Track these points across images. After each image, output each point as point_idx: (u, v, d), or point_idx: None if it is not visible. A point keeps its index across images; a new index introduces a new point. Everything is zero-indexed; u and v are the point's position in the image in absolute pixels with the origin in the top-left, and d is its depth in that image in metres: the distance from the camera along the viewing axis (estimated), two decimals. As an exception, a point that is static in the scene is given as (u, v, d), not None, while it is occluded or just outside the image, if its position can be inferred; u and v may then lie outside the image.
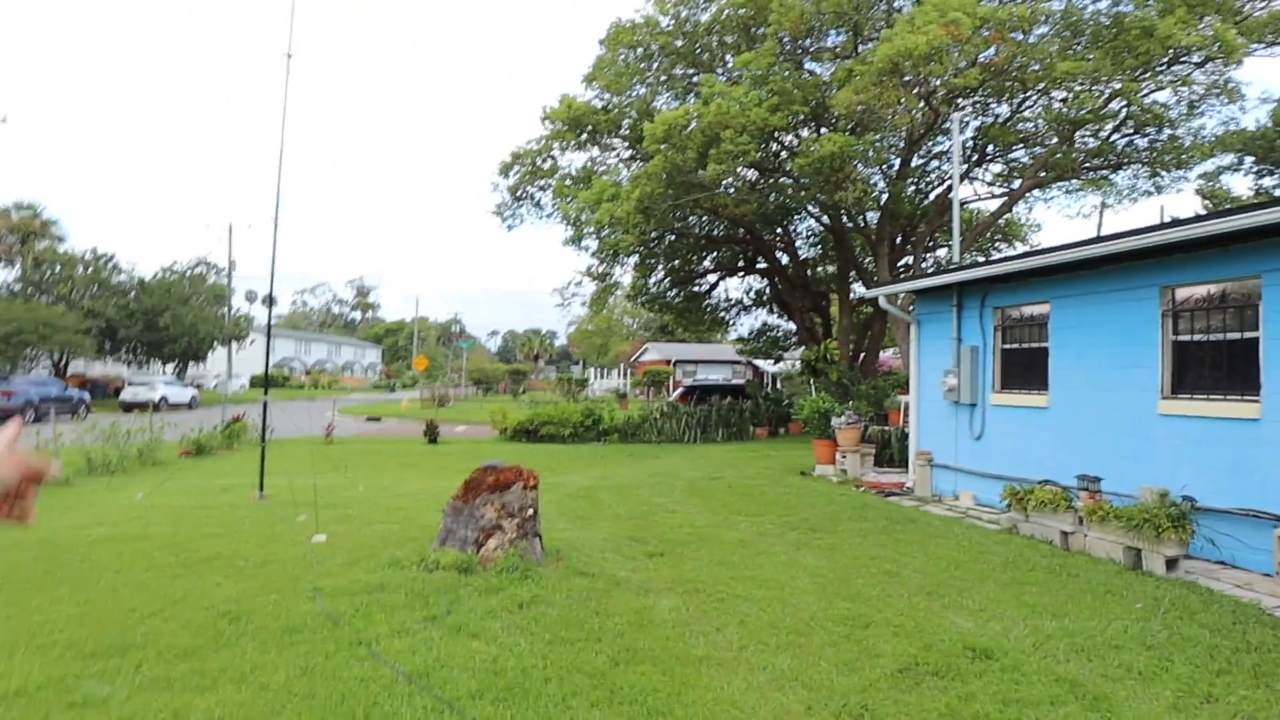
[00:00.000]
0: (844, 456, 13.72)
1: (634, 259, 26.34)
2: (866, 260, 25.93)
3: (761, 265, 28.18)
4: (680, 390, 30.65)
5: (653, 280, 28.33)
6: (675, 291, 28.98)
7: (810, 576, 6.97)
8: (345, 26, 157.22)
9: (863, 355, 25.34)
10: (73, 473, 13.75)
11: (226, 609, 5.80)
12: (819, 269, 29.28)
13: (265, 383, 12.48)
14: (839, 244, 25.42)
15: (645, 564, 7.30)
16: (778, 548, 8.21)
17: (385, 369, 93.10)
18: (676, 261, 27.76)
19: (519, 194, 25.89)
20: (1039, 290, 10.42)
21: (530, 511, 6.75)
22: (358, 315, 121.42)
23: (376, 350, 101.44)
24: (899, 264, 24.43)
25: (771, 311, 30.37)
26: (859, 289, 26.32)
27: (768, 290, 29.32)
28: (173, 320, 46.50)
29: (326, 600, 5.99)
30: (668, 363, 62.79)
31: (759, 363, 61.49)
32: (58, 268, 44.57)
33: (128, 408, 34.72)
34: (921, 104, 18.15)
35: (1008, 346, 11.22)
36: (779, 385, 35.12)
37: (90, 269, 46.04)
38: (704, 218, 25.35)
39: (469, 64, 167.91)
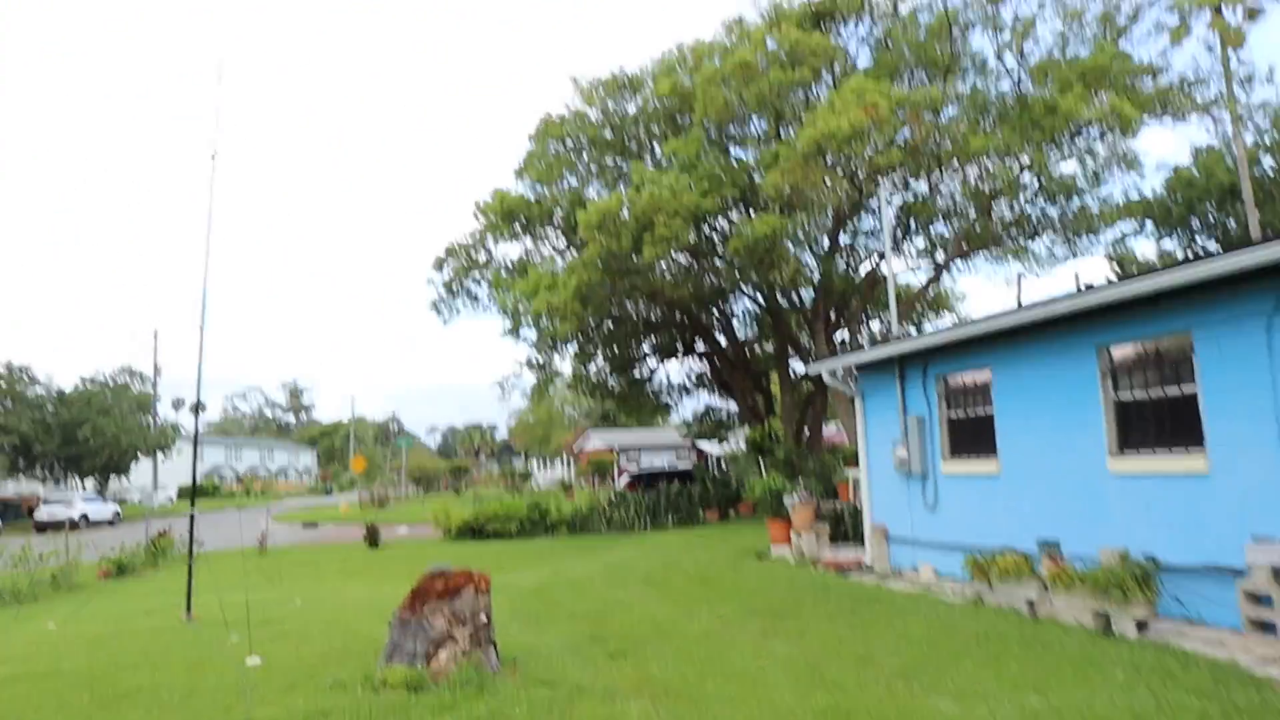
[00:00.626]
0: (799, 536, 13.49)
1: (573, 347, 26.25)
2: (803, 337, 26.32)
3: (700, 348, 28.37)
4: (627, 478, 30.29)
5: (592, 368, 28.23)
6: (615, 378, 28.89)
7: (781, 666, 6.64)
8: (270, 120, 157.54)
9: (806, 431, 25.42)
10: None
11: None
12: (757, 348, 29.59)
13: (193, 494, 11.80)
14: (775, 322, 25.75)
15: (608, 666, 6.89)
16: (743, 637, 7.87)
17: (322, 472, 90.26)
18: (615, 348, 27.76)
19: (454, 288, 25.77)
20: (979, 357, 10.54)
21: (484, 618, 6.33)
22: (291, 418, 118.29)
23: (311, 453, 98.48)
24: (835, 339, 24.82)
25: (713, 392, 30.47)
26: (798, 366, 26.63)
27: (708, 372, 29.45)
28: (93, 432, 44.48)
29: (262, 734, 5.45)
30: (611, 450, 62.24)
31: (704, 445, 61.45)
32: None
33: (42, 528, 32.76)
34: (846, 183, 18.73)
35: (954, 415, 11.27)
36: (725, 466, 34.97)
37: (2, 382, 43.94)
38: (641, 303, 25.52)
39: (399, 159, 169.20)
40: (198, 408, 12.79)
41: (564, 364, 26.93)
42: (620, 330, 26.46)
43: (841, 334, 25.70)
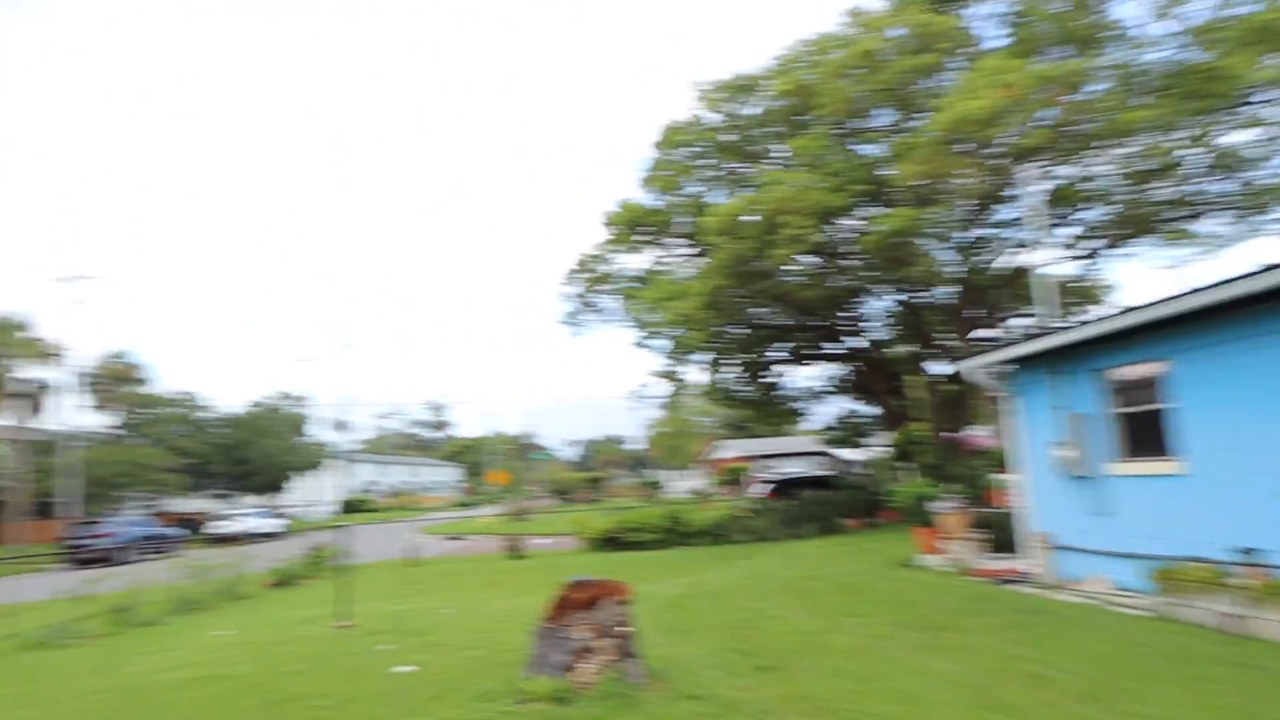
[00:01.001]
0: (949, 543, 12.73)
1: (704, 355, 26.00)
2: (943, 336, 25.12)
3: (834, 350, 27.52)
4: (768, 486, 29.70)
5: (725, 375, 27.87)
6: (749, 385, 28.41)
7: (946, 685, 6.15)
8: (388, 149, 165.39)
9: (951, 434, 24.18)
10: (159, 612, 13.60)
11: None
12: (894, 349, 28.46)
13: (329, 509, 12.26)
14: (913, 321, 24.69)
15: (756, 680, 6.58)
16: (900, 652, 7.38)
17: (465, 486, 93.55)
18: (746, 354, 27.31)
19: (585, 301, 26.03)
20: (1154, 346, 9.54)
21: (625, 630, 6.16)
22: (435, 436, 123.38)
23: (455, 469, 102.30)
24: (976, 336, 23.53)
25: (850, 397, 29.48)
26: (940, 367, 25.44)
27: (844, 375, 28.52)
28: (257, 453, 47.80)
29: (413, 744, 5.46)
30: (744, 459, 61.54)
31: (840, 451, 59.82)
32: (150, 411, 46.46)
33: (218, 541, 35.37)
34: (984, 170, 17.71)
35: (1124, 411, 10.29)
36: (865, 473, 33.78)
37: (178, 409, 47.94)
38: (771, 308, 25.01)
39: (530, 176, 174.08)
40: (343, 426, 13.43)
41: (695, 373, 26.71)
42: (750, 336, 26.03)
43: (983, 330, 24.37)
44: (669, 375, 25.67)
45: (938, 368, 25.82)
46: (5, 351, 36.78)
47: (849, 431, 29.81)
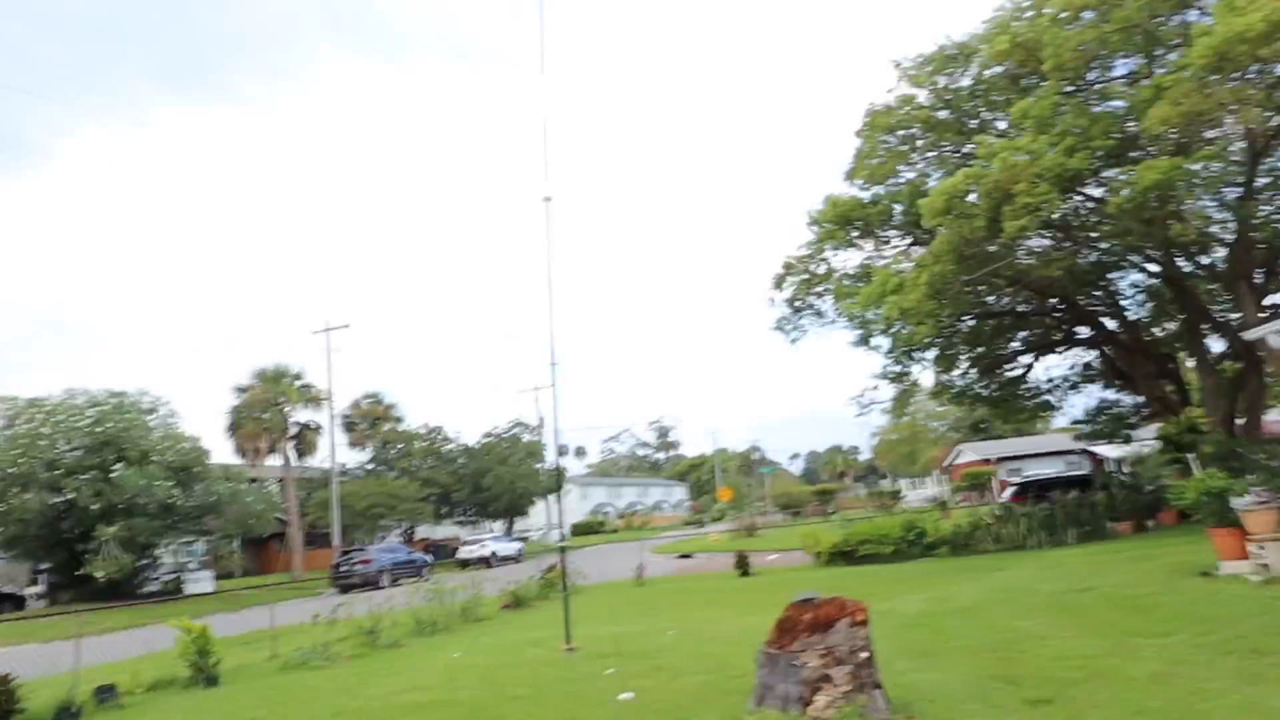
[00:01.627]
0: (1261, 548, 10.51)
1: (931, 352, 24.03)
2: (1220, 308, 21.68)
3: (1083, 335, 24.54)
4: (1012, 489, 26.98)
5: (956, 373, 25.65)
6: (985, 381, 26.01)
7: (1293, 727, 4.75)
8: (587, 164, 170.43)
9: (1239, 420, 20.68)
10: (402, 634, 14.19)
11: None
12: (1157, 328, 24.96)
13: (560, 531, 12.17)
14: (1179, 293, 21.47)
15: (1028, 717, 5.45)
16: (1215, 682, 5.91)
17: (692, 504, 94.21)
18: (980, 348, 25.00)
19: (797, 304, 24.92)
20: None
21: (864, 655, 5.29)
22: (661, 455, 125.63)
23: (682, 487, 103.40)
24: (1269, 303, 20.02)
25: (1108, 386, 26.16)
26: (1214, 344, 22.00)
27: (1098, 362, 25.35)
28: (495, 480, 50.60)
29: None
30: (987, 462, 57.20)
31: (1097, 448, 54.09)
32: (399, 445, 50.62)
33: (464, 564, 37.50)
34: (1265, 101, 14.94)
35: None
36: (1127, 470, 29.86)
37: (425, 442, 51.82)
38: (1004, 294, 22.71)
39: (721, 178, 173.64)
40: (560, 449, 13.43)
41: (924, 372, 24.73)
42: (983, 327, 23.78)
43: (1275, 296, 20.76)
44: (895, 376, 23.90)
45: (1215, 345, 22.30)
46: (282, 399, 41.21)
47: (1109, 424, 26.43)
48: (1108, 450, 53.00)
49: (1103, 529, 18.79)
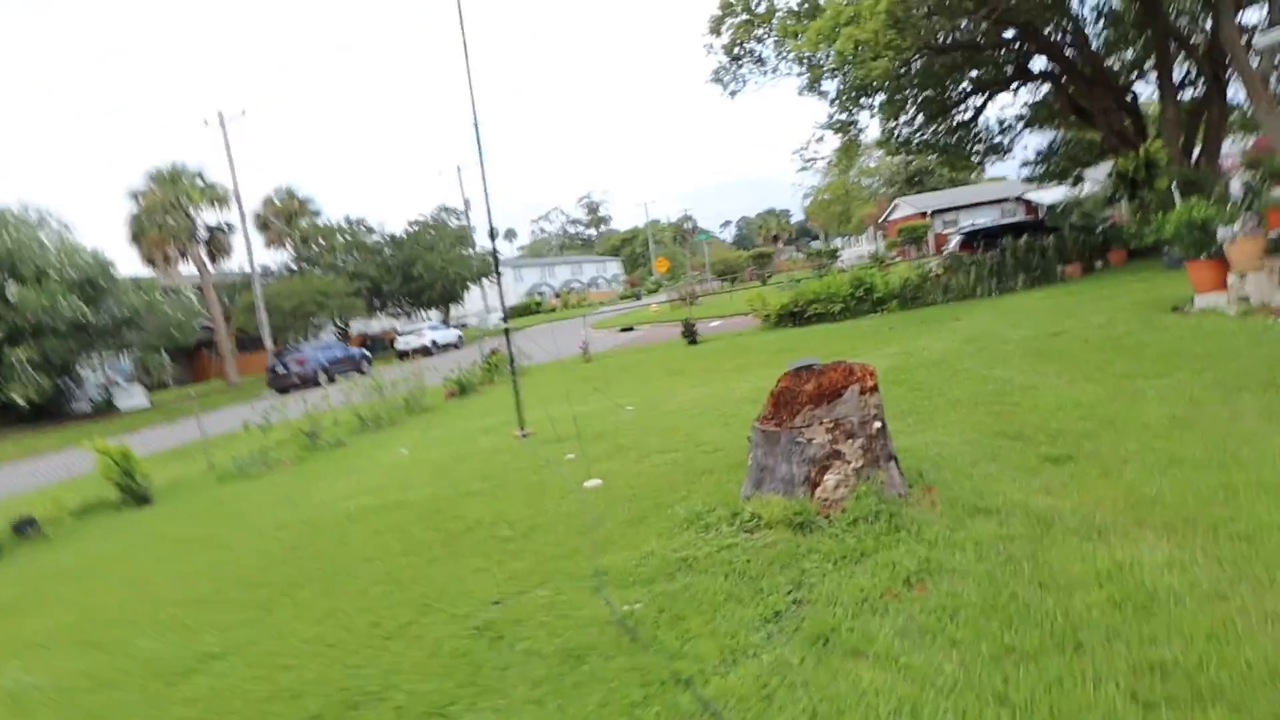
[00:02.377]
0: (1242, 278, 10.11)
1: (879, 97, 22.50)
2: (1187, 25, 20.39)
3: (1039, 69, 23.12)
4: (958, 238, 26.65)
5: (904, 119, 24.27)
6: (934, 127, 24.73)
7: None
8: None
9: (1196, 152, 20.08)
10: (345, 433, 13.47)
11: (487, 618, 4.22)
12: (1113, 59, 23.63)
13: (500, 314, 11.19)
14: (1148, 9, 19.93)
15: (1054, 477, 4.88)
16: (1244, 423, 5.40)
17: (628, 279, 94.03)
18: (930, 90, 23.50)
19: (735, 52, 22.82)
20: None
21: (877, 425, 4.55)
22: (592, 232, 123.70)
23: (616, 262, 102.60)
24: (1243, 21, 18.77)
25: (1060, 124, 25.08)
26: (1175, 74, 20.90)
27: (1054, 98, 24.08)
28: (425, 268, 48.91)
29: (613, 592, 4.23)
30: (923, 215, 57.24)
31: (1033, 195, 54.40)
32: (320, 240, 48.06)
33: (402, 355, 36.79)
34: None
35: None
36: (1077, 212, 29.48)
37: (347, 235, 49.31)
38: (961, 26, 20.85)
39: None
40: (492, 233, 12.24)
41: (871, 120, 23.33)
42: (934, 65, 22.15)
43: (1254, 11, 19.50)
44: (840, 126, 22.46)
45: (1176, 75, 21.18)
46: (184, 200, 37.97)
47: (1060, 164, 25.64)
48: (1041, 196, 53.36)
49: (1052, 273, 18.57)
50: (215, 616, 5.28)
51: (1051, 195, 50.79)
